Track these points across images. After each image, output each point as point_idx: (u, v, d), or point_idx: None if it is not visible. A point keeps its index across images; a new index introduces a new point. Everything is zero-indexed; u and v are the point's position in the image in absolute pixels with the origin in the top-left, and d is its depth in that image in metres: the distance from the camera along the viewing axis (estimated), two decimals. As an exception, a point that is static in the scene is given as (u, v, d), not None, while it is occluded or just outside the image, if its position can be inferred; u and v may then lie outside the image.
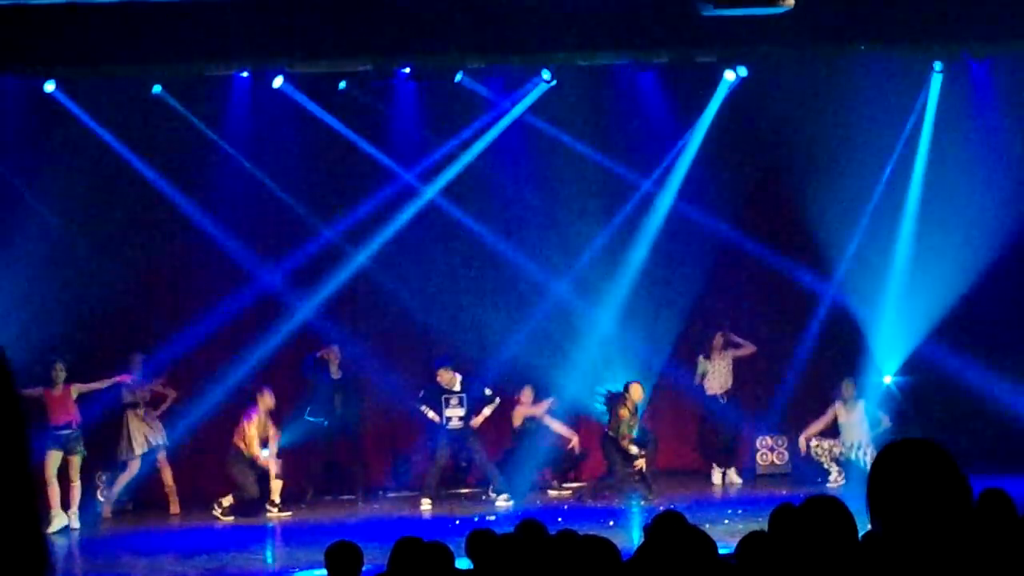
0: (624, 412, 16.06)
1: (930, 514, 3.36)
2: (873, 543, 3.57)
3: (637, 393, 16.23)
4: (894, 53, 16.15)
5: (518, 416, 16.96)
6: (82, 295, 16.17)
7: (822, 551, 4.28)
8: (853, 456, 16.09)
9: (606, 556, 5.44)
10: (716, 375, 17.32)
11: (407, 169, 17.25)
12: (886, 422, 16.35)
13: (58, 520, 15.18)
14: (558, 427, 17.08)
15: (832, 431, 16.61)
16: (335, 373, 16.79)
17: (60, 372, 15.42)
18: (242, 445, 15.81)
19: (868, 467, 3.65)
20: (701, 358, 17.41)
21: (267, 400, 15.90)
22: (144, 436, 15.95)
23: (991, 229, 17.02)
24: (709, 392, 17.33)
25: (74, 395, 15.51)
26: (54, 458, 15.20)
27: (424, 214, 17.43)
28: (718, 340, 17.34)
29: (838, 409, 16.57)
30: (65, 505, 15.33)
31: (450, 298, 17.65)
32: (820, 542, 4.32)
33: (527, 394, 16.94)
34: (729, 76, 16.58)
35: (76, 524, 15.34)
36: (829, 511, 4.38)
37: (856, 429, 16.44)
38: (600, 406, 16.64)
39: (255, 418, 15.83)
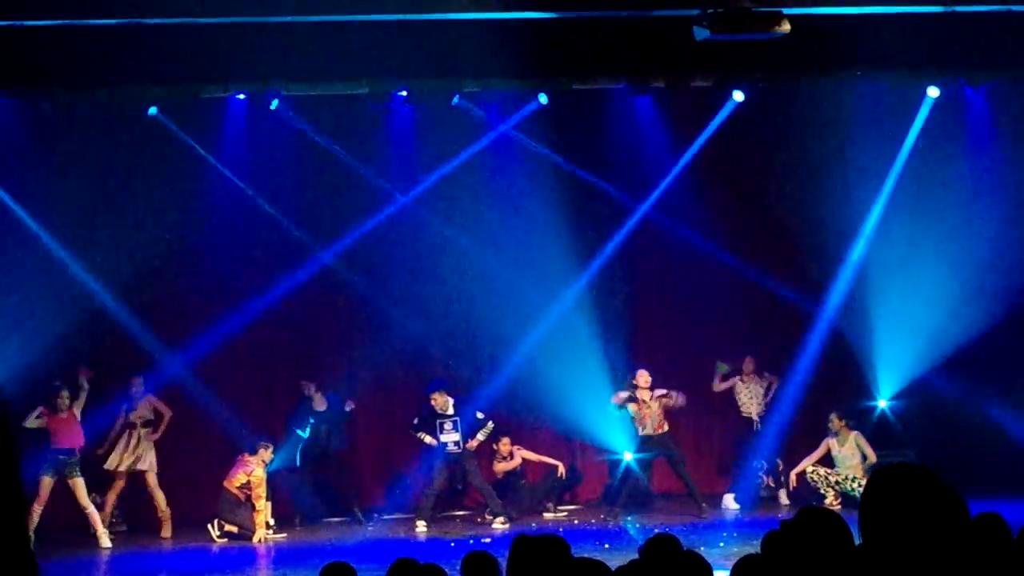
0: (637, 406, 16.10)
1: (922, 538, 3.36)
2: (866, 567, 3.57)
3: (643, 380, 16.24)
4: (890, 79, 16.18)
5: (499, 470, 17.03)
6: (76, 316, 16.12)
7: (817, 562, 4.26)
8: (848, 488, 16.02)
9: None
10: (751, 397, 17.36)
11: (403, 192, 17.27)
12: (872, 458, 16.28)
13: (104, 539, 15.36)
14: (541, 459, 17.15)
15: (827, 463, 16.57)
16: (319, 405, 16.75)
17: (65, 399, 15.41)
18: (233, 489, 15.74)
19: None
20: (737, 379, 17.48)
21: (266, 455, 15.87)
22: (131, 456, 15.91)
23: (986, 253, 17.04)
24: (744, 414, 17.39)
25: (79, 417, 15.49)
26: (47, 484, 15.16)
27: (419, 236, 17.44)
28: (747, 364, 17.39)
29: (830, 443, 16.54)
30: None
31: (444, 320, 17.64)
32: (814, 552, 4.29)
33: (504, 447, 16.95)
34: (738, 96, 16.56)
35: (107, 543, 15.37)
36: (822, 522, 4.37)
37: (850, 461, 16.39)
38: (619, 411, 16.54)
39: (253, 466, 15.76)
